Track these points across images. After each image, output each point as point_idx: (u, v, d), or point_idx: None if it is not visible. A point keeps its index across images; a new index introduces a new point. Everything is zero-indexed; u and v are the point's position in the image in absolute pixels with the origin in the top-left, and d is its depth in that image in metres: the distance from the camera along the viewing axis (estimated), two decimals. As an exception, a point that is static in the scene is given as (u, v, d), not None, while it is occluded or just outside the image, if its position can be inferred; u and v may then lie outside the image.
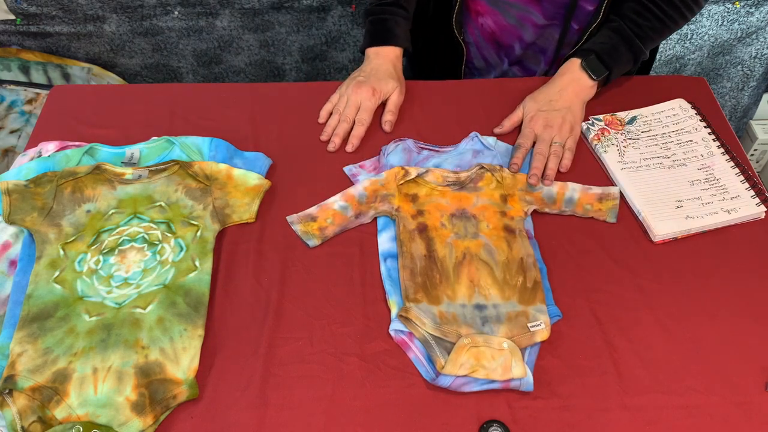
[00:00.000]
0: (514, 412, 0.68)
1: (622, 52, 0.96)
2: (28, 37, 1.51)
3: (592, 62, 0.95)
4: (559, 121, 0.93)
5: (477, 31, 1.11)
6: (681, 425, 0.67)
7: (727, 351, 0.73)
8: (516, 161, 0.90)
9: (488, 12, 1.07)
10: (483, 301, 0.76)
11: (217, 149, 0.91)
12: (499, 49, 1.12)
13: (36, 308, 0.73)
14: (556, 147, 0.91)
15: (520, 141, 0.93)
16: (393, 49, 1.02)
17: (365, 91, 0.97)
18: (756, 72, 1.59)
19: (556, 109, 0.94)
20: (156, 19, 1.50)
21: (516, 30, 1.07)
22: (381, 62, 1.01)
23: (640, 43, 0.96)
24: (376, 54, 1.02)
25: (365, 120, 0.96)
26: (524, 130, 0.94)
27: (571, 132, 0.93)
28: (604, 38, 0.97)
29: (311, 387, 0.70)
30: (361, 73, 1.01)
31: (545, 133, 0.92)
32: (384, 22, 1.03)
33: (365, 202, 0.86)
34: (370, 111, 0.97)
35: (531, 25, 1.05)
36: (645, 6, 0.96)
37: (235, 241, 0.83)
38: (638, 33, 0.96)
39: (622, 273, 0.81)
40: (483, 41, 1.12)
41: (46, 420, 0.65)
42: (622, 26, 0.97)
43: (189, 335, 0.72)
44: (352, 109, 0.97)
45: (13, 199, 0.82)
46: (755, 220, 0.87)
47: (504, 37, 1.09)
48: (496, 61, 1.14)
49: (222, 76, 1.67)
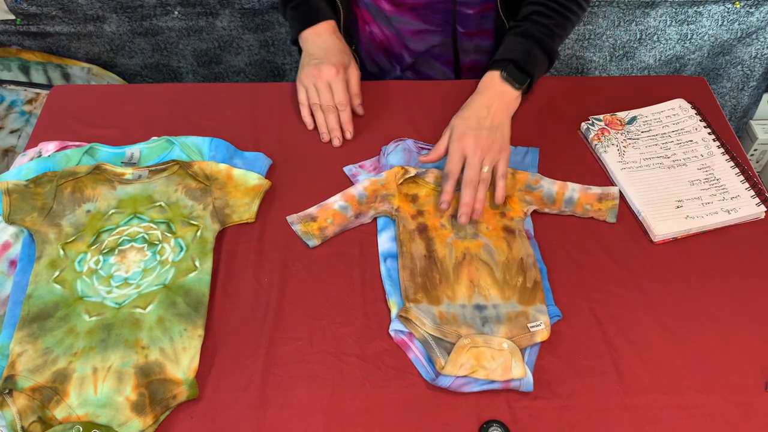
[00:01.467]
0: (514, 412, 0.68)
1: (537, 55, 0.92)
2: (28, 37, 1.51)
3: (512, 72, 0.90)
4: (489, 142, 0.85)
5: (366, 39, 1.12)
6: (681, 425, 0.67)
7: (727, 351, 0.73)
8: (446, 197, 0.83)
9: (373, 22, 1.08)
10: (483, 301, 0.76)
11: (217, 149, 0.91)
12: (390, 56, 1.12)
13: (36, 308, 0.73)
14: (485, 174, 0.84)
15: (450, 167, 0.84)
16: (328, 22, 0.99)
17: (327, 71, 0.94)
18: (756, 72, 1.58)
19: (487, 128, 0.86)
20: (156, 19, 1.50)
21: (399, 38, 1.07)
22: (325, 39, 0.97)
23: (551, 42, 0.93)
24: (315, 34, 0.98)
25: (345, 101, 0.94)
26: (452, 152, 0.85)
27: (500, 153, 0.85)
28: (516, 45, 0.93)
29: (311, 387, 0.70)
30: (312, 57, 0.96)
31: (475, 156, 0.83)
32: (307, 2, 0.99)
33: (365, 202, 0.86)
34: (344, 90, 0.94)
35: (410, 33, 1.05)
36: (545, 5, 0.93)
37: (235, 241, 0.83)
38: (546, 33, 0.93)
39: (622, 273, 0.81)
40: (374, 49, 1.13)
41: (46, 420, 0.65)
42: (530, 29, 0.93)
43: (189, 335, 0.72)
44: (326, 95, 0.94)
45: (13, 199, 0.82)
46: (755, 220, 0.87)
47: (392, 46, 1.10)
48: (388, 68, 1.15)
49: (222, 76, 1.67)
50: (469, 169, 0.83)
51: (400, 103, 1.02)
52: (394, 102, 1.01)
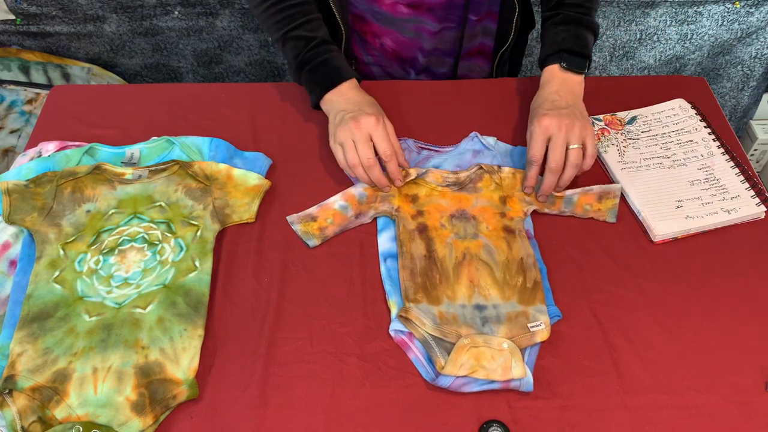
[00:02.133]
0: (514, 412, 0.68)
1: (585, 36, 0.93)
2: (28, 37, 1.51)
3: (570, 60, 0.91)
4: (571, 119, 0.84)
5: (377, 52, 1.11)
6: (681, 425, 0.67)
7: (727, 351, 0.73)
8: (530, 183, 0.84)
9: (384, 32, 1.07)
10: (483, 301, 0.76)
11: (217, 149, 0.91)
12: (403, 63, 1.12)
13: (36, 308, 0.73)
14: (575, 151, 0.82)
15: (533, 153, 0.84)
16: (351, 81, 0.91)
17: (367, 121, 0.84)
18: (756, 72, 1.59)
19: (564, 107, 0.86)
20: (156, 19, 1.50)
21: (415, 42, 1.07)
22: (353, 95, 0.90)
23: (589, 18, 0.94)
24: (339, 93, 0.90)
25: (390, 151, 0.84)
26: (535, 136, 0.84)
27: (585, 130, 0.84)
28: (561, 33, 0.93)
29: (311, 387, 0.70)
30: (345, 112, 0.86)
31: (559, 134, 0.82)
32: (325, 63, 0.92)
33: (365, 202, 0.86)
34: (386, 139, 0.84)
35: (428, 34, 1.05)
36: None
37: (235, 241, 0.83)
38: (583, 11, 0.94)
39: (622, 273, 0.81)
40: (386, 60, 1.12)
41: (46, 420, 0.65)
42: (567, 14, 0.94)
43: (189, 335, 0.72)
44: (364, 149, 0.83)
45: (13, 199, 0.82)
46: (755, 220, 0.87)
47: (405, 52, 1.09)
48: (401, 74, 1.14)
49: (222, 76, 1.67)
50: (553, 152, 0.83)
51: (401, 103, 1.01)
52: (394, 102, 1.01)
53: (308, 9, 0.95)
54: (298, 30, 0.93)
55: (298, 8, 0.94)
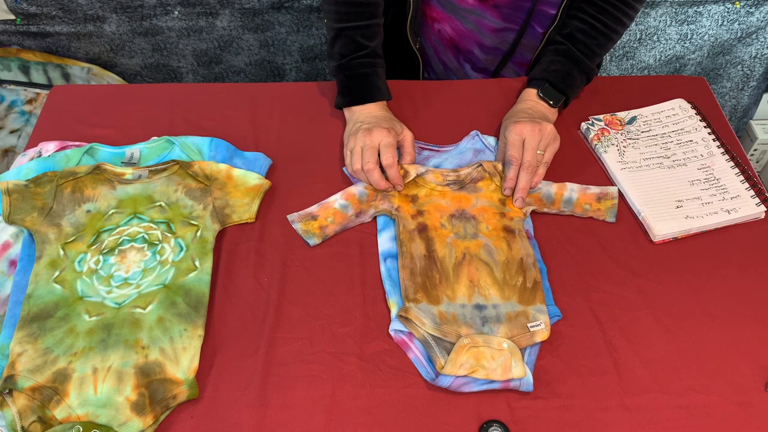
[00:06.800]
0: (514, 412, 0.68)
1: (575, 76, 0.96)
2: (28, 37, 1.51)
3: (548, 91, 0.95)
4: (544, 127, 0.88)
5: (434, 37, 1.11)
6: (681, 425, 0.67)
7: (727, 351, 0.73)
8: (509, 184, 0.86)
9: (445, 18, 1.06)
10: (483, 301, 0.76)
11: (217, 149, 0.91)
12: (458, 53, 1.11)
13: (36, 308, 0.73)
14: (538, 157, 0.87)
15: (511, 153, 0.87)
16: (381, 102, 0.95)
17: (379, 133, 0.87)
18: (756, 72, 1.59)
19: (537, 118, 0.90)
20: (156, 19, 1.50)
21: (474, 35, 1.07)
22: (376, 112, 0.93)
23: (589, 62, 0.96)
24: (365, 108, 0.94)
25: (392, 162, 0.86)
26: (511, 139, 0.88)
27: (554, 141, 0.89)
28: (555, 64, 0.96)
29: (311, 387, 0.70)
30: (362, 123, 0.90)
31: (533, 138, 0.87)
32: (365, 78, 0.95)
33: (366, 201, 0.86)
34: (393, 154, 0.86)
35: (488, 30, 1.05)
36: (591, 25, 0.95)
37: (235, 241, 0.83)
38: (587, 53, 0.96)
39: (622, 273, 0.81)
40: (441, 47, 1.12)
41: (46, 420, 0.65)
42: (571, 49, 0.95)
43: (189, 335, 0.72)
44: (369, 156, 0.86)
45: (13, 199, 0.82)
46: (755, 220, 0.87)
47: (463, 42, 1.09)
48: (455, 66, 1.14)
49: (222, 76, 1.67)
50: (527, 153, 0.87)
51: (401, 102, 1.01)
52: (394, 102, 1.01)
53: (374, 12, 0.95)
54: (354, 31, 0.94)
55: (365, 8, 0.94)
